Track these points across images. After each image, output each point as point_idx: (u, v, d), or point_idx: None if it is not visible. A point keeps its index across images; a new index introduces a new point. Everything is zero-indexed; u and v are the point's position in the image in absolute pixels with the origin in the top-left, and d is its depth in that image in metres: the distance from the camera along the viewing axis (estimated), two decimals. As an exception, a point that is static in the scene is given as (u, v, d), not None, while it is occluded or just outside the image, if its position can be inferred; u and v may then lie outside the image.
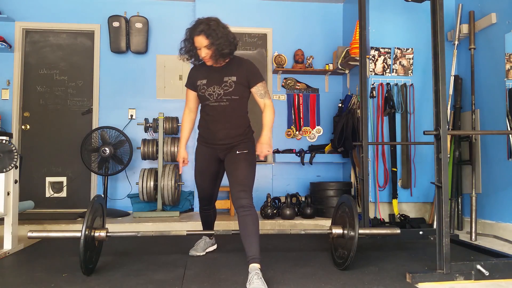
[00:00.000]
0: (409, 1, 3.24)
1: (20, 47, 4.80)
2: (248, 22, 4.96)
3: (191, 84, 2.61)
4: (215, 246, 3.02)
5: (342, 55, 4.54)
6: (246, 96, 2.55)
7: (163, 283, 2.21)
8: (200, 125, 2.64)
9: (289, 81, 5.04)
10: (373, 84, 4.16)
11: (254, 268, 2.10)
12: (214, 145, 2.56)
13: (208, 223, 2.90)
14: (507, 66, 3.45)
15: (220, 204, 4.49)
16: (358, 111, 3.99)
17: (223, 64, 2.51)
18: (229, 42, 2.41)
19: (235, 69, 2.49)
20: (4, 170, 2.83)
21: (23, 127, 4.84)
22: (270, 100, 2.52)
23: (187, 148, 4.90)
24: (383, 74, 4.20)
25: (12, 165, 2.85)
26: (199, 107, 2.66)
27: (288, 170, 4.93)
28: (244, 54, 4.86)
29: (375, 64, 4.19)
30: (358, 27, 3.86)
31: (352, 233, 2.39)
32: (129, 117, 4.92)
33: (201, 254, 2.87)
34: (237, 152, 2.47)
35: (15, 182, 2.99)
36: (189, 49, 2.51)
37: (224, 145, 2.52)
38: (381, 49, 4.20)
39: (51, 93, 4.90)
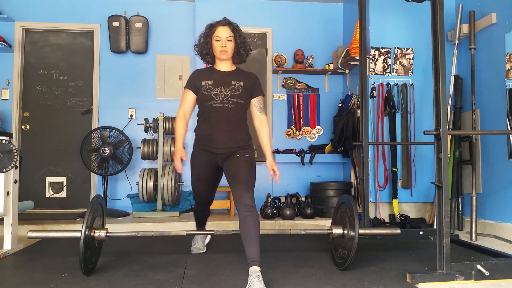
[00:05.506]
0: (409, 1, 3.24)
1: (20, 47, 4.80)
2: (248, 22, 4.95)
3: (192, 85, 2.54)
4: (209, 237, 3.13)
5: (342, 55, 4.54)
6: (248, 103, 2.57)
7: (163, 283, 2.20)
8: (199, 128, 2.56)
9: (289, 81, 5.04)
10: (373, 84, 4.16)
11: (255, 270, 2.08)
12: (215, 149, 2.49)
13: (201, 222, 2.99)
14: (507, 66, 3.45)
15: (220, 204, 4.49)
16: (358, 111, 3.98)
17: (230, 71, 2.58)
18: (245, 47, 2.58)
19: (242, 76, 2.57)
20: (4, 170, 2.83)
21: (23, 127, 4.84)
22: (266, 117, 2.60)
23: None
24: (383, 74, 4.20)
25: (12, 165, 2.85)
26: (197, 111, 2.62)
27: (288, 170, 4.92)
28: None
29: (375, 64, 4.19)
30: (358, 27, 3.86)
31: (352, 233, 2.39)
32: (129, 117, 4.92)
33: (205, 249, 2.94)
34: (238, 155, 2.47)
35: (15, 182, 2.98)
36: (204, 44, 2.56)
37: (226, 150, 2.48)
38: (381, 49, 4.20)
39: (51, 93, 4.90)
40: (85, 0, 4.94)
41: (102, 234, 2.40)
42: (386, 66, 4.20)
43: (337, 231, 2.55)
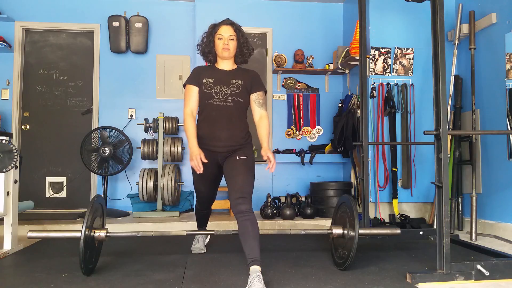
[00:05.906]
0: (409, 1, 3.23)
1: (20, 47, 4.80)
2: (248, 22, 4.94)
3: (195, 80, 2.53)
4: (209, 237, 3.14)
5: (342, 55, 4.54)
6: (248, 102, 2.56)
7: (163, 283, 2.21)
8: (199, 126, 2.54)
9: (289, 81, 5.04)
10: (373, 84, 4.16)
11: (255, 270, 2.07)
12: (215, 147, 2.48)
13: (203, 221, 3.00)
14: (507, 66, 3.45)
15: (220, 204, 4.48)
16: (358, 111, 3.98)
17: (231, 70, 2.59)
18: (248, 47, 2.61)
19: (242, 75, 2.57)
20: (4, 170, 2.83)
21: (23, 127, 4.84)
22: (266, 112, 2.55)
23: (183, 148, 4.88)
24: (383, 74, 4.20)
25: (12, 165, 2.85)
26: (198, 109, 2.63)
27: (288, 170, 4.93)
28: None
29: (375, 64, 4.19)
30: (358, 27, 3.86)
31: (352, 233, 2.39)
32: (129, 117, 4.92)
33: (205, 250, 2.95)
34: (237, 157, 2.46)
35: (15, 182, 2.99)
36: (207, 43, 2.57)
37: (225, 148, 2.47)
38: (381, 49, 4.20)
39: (51, 93, 4.90)
40: (85, 0, 4.94)
41: (102, 234, 2.40)
42: (386, 66, 4.20)
43: (337, 231, 2.55)
